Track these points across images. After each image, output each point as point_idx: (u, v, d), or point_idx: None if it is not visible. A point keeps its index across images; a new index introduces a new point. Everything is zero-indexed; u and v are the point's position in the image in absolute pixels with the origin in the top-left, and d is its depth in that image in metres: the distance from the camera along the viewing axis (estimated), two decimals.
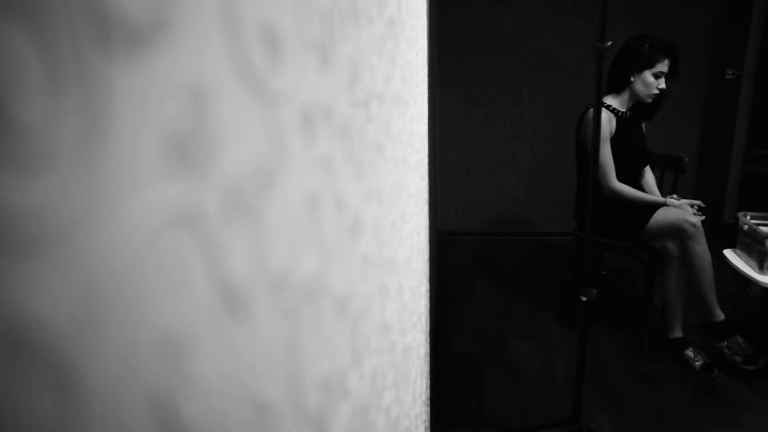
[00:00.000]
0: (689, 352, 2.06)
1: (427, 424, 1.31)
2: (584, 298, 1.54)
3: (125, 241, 0.13)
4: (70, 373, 0.11)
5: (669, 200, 2.12)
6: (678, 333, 2.13)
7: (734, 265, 2.20)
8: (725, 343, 2.04)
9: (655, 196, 2.25)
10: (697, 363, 2.03)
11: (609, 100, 2.18)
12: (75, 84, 0.11)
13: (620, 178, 2.16)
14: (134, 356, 0.13)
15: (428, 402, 1.36)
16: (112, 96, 0.12)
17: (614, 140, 2.15)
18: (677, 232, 2.04)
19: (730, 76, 3.42)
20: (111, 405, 0.13)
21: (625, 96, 2.16)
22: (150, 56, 0.14)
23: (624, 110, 2.18)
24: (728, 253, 2.30)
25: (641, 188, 2.29)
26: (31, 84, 0.10)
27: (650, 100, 2.14)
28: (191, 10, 0.16)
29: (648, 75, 2.08)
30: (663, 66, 2.07)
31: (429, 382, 1.43)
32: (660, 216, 2.08)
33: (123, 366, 0.13)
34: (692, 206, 2.10)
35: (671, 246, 2.08)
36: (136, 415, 0.14)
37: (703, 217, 2.05)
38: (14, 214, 0.10)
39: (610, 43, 1.33)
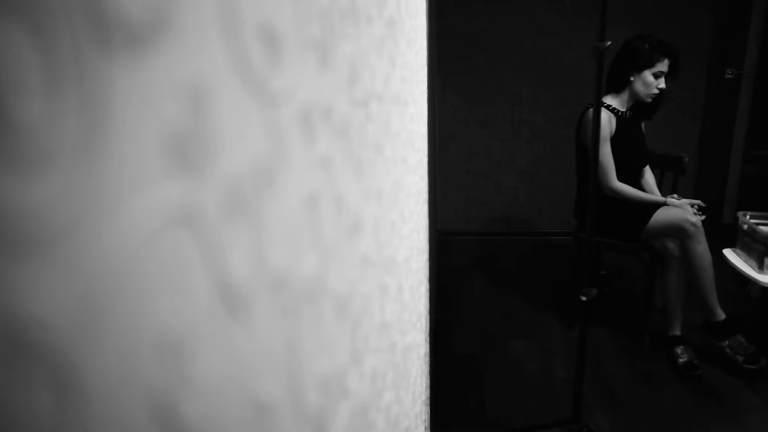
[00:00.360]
0: (677, 350, 2.06)
1: (427, 424, 1.31)
2: (584, 298, 1.54)
3: (125, 241, 0.13)
4: (70, 373, 0.11)
5: (669, 200, 2.12)
6: (676, 331, 2.13)
7: (734, 264, 2.20)
8: (727, 342, 2.04)
9: (656, 195, 2.25)
10: (681, 360, 2.02)
11: (609, 100, 2.18)
12: (75, 84, 0.11)
13: (620, 178, 2.16)
14: (134, 356, 0.13)
15: (428, 402, 1.36)
16: (112, 96, 0.12)
17: (614, 140, 2.15)
18: (678, 231, 2.04)
19: (729, 76, 3.42)
20: (111, 405, 0.13)
21: (625, 96, 2.16)
22: (150, 56, 0.14)
23: (624, 110, 2.18)
24: (728, 252, 2.30)
25: (641, 188, 2.29)
26: (31, 84, 0.10)
27: (650, 100, 2.14)
28: (191, 9, 0.16)
29: (648, 75, 2.08)
30: (663, 66, 2.07)
31: (429, 382, 1.43)
32: (660, 215, 2.08)
33: (123, 366, 0.13)
34: (692, 206, 2.10)
35: (671, 246, 2.08)
36: (136, 415, 0.14)
37: (704, 217, 2.05)
38: (14, 214, 0.10)
39: (609, 42, 1.33)
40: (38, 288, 0.10)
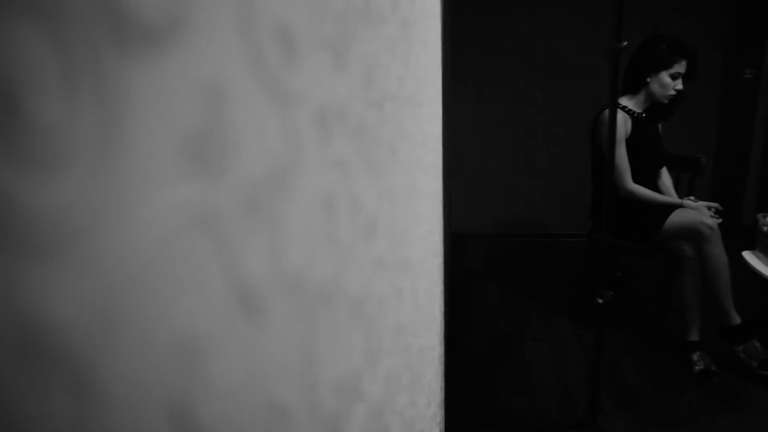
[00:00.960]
0: (694, 356, 2.03)
1: (442, 426, 1.30)
2: (600, 301, 1.52)
3: (142, 243, 0.13)
4: (86, 374, 0.11)
5: (686, 202, 2.09)
6: (694, 336, 2.10)
7: (753, 266, 2.17)
8: (741, 347, 2.00)
9: (672, 197, 2.22)
10: (697, 367, 1.99)
11: (625, 102, 2.15)
12: (92, 85, 0.11)
13: (636, 180, 2.14)
14: (151, 358, 0.13)
15: (443, 404, 1.36)
16: (129, 97, 0.12)
17: (630, 142, 2.12)
18: (693, 234, 2.01)
19: (748, 76, 3.37)
20: (128, 406, 0.12)
21: (641, 97, 2.14)
22: (166, 57, 0.14)
23: (640, 111, 2.16)
24: (747, 254, 2.26)
25: (658, 190, 2.26)
26: (49, 85, 0.10)
27: (667, 101, 2.11)
28: (207, 10, 0.16)
29: (665, 76, 2.05)
30: (680, 67, 2.04)
31: (443, 384, 1.42)
32: (676, 218, 2.05)
33: (140, 367, 0.13)
34: (709, 209, 2.07)
35: (687, 248, 2.05)
36: (153, 417, 0.14)
37: (720, 220, 2.02)
38: (32, 216, 0.10)
39: (626, 43, 1.31)
40: (55, 290, 0.10)
